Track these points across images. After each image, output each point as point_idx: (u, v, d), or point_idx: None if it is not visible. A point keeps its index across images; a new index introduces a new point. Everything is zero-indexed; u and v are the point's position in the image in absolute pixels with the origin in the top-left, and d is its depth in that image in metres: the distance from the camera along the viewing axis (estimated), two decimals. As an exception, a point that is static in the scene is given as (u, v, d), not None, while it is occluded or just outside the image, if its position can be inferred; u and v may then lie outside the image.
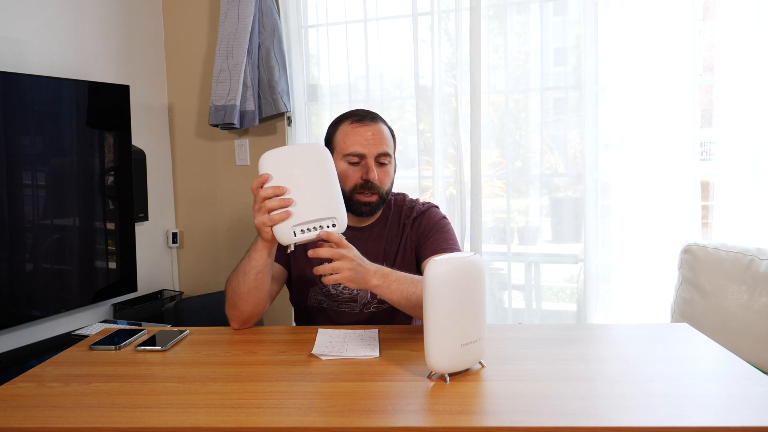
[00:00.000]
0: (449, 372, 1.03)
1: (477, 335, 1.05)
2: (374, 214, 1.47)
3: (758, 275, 1.89)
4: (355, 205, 1.42)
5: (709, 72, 2.26)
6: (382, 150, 1.42)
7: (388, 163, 1.44)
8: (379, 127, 1.44)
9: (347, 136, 1.43)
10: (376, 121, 1.46)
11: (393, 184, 1.49)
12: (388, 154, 1.43)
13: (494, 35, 2.41)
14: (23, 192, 2.02)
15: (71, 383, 1.07)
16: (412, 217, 1.50)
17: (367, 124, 1.43)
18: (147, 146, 2.63)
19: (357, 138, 1.41)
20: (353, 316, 1.47)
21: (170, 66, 2.84)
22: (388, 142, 1.44)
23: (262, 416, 0.91)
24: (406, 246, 1.49)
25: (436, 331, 1.01)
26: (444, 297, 1.00)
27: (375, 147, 1.41)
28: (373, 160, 1.41)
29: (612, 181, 2.30)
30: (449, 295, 1.01)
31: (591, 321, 2.29)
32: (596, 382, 1.01)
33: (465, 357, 1.04)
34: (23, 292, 2.03)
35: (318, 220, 1.19)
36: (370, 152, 1.40)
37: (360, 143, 1.41)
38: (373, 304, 1.47)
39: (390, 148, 1.45)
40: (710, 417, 0.87)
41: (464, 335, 1.03)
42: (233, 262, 2.75)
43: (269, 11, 2.54)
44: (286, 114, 2.66)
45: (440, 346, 1.01)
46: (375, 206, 1.44)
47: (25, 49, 2.15)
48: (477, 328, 1.05)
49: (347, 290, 1.47)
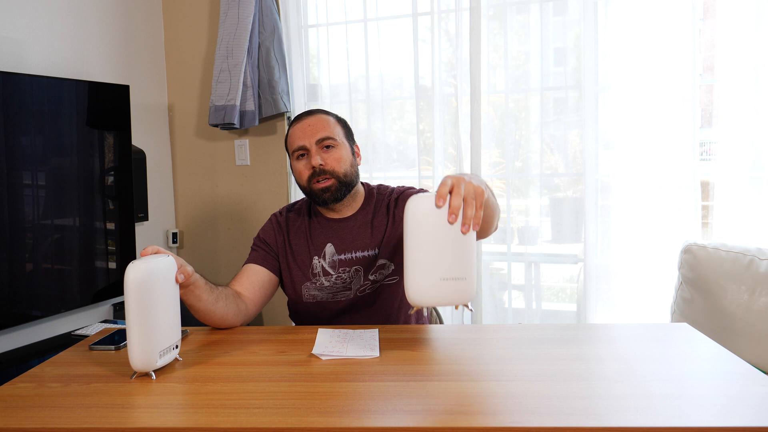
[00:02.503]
0: (428, 305, 1.04)
1: (461, 273, 1.04)
2: (340, 199, 1.49)
3: (758, 275, 1.89)
4: (316, 194, 1.47)
5: (709, 72, 2.26)
6: (321, 135, 1.46)
7: (334, 146, 1.47)
8: (316, 117, 1.50)
9: (291, 136, 1.51)
10: (314, 114, 1.52)
11: (354, 166, 1.51)
12: (330, 137, 1.47)
13: (494, 35, 2.41)
14: (23, 192, 2.01)
15: (71, 383, 1.07)
16: (394, 198, 1.54)
17: (303, 119, 1.50)
18: (147, 146, 2.63)
19: (297, 134, 1.48)
20: (350, 302, 1.49)
21: (170, 66, 2.84)
22: (328, 127, 1.48)
23: (262, 416, 0.91)
24: (395, 220, 1.51)
25: (413, 261, 1.03)
26: (424, 228, 1.03)
27: (313, 135, 1.46)
28: (314, 147, 1.45)
29: (612, 181, 2.30)
30: (430, 227, 1.03)
31: (591, 321, 2.29)
32: (596, 382, 1.01)
33: (445, 293, 1.04)
34: (23, 292, 2.03)
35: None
36: (309, 141, 1.46)
37: (299, 137, 1.47)
38: (368, 286, 1.49)
39: (332, 131, 1.48)
40: (710, 417, 0.87)
41: (444, 270, 1.03)
42: (233, 262, 2.79)
43: (269, 11, 2.54)
44: (286, 114, 2.66)
45: (418, 277, 1.03)
46: (336, 191, 1.46)
47: (25, 49, 2.15)
48: (461, 266, 1.04)
49: (340, 280, 1.49)
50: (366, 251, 1.49)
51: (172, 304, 1.12)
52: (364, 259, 1.49)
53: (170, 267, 1.12)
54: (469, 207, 1.04)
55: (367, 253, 1.49)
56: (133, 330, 1.04)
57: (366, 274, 1.48)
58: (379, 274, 1.49)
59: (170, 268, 1.12)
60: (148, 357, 1.06)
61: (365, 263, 1.49)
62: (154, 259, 1.09)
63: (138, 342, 1.05)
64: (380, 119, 2.57)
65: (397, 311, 1.51)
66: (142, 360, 1.05)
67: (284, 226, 1.55)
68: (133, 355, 1.05)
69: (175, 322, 1.13)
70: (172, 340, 1.12)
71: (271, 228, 1.56)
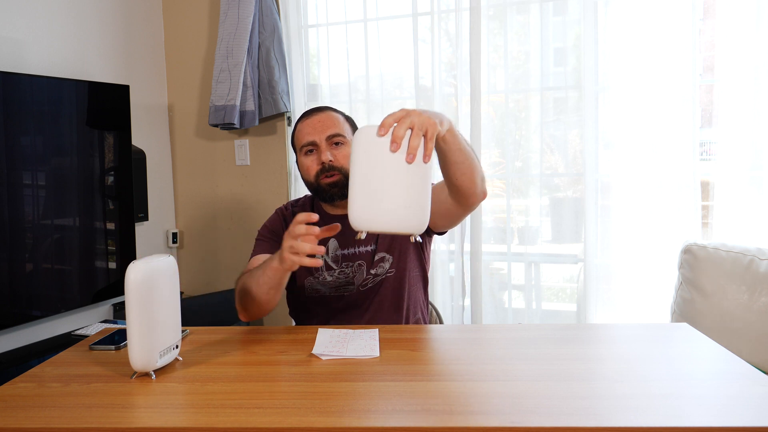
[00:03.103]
0: (371, 231, 1.06)
1: (406, 202, 1.05)
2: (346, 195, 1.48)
3: (758, 275, 1.89)
4: (324, 189, 1.48)
5: (709, 72, 2.26)
6: (331, 132, 1.47)
7: (342, 143, 1.48)
8: (326, 114, 1.51)
9: (299, 132, 1.52)
10: (323, 110, 1.53)
11: None
12: (340, 134, 1.48)
13: (494, 35, 2.41)
14: (23, 192, 2.01)
15: (71, 383, 1.07)
16: None
17: (313, 115, 1.51)
18: (147, 146, 2.63)
19: (306, 129, 1.49)
20: (352, 296, 1.50)
21: (170, 66, 2.84)
22: (337, 124, 1.50)
23: (262, 416, 0.91)
24: None
25: (356, 186, 1.05)
26: (369, 156, 1.05)
27: (323, 131, 1.47)
28: (324, 143, 1.47)
29: (612, 181, 2.30)
30: (375, 155, 1.04)
31: (591, 321, 2.29)
32: (596, 382, 1.01)
33: (389, 220, 1.05)
34: (23, 292, 2.03)
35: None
36: (319, 137, 1.47)
37: (309, 132, 1.48)
38: (370, 281, 1.49)
39: (341, 128, 1.50)
40: (710, 417, 0.87)
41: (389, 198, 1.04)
42: (233, 262, 2.79)
43: (269, 11, 2.54)
44: (286, 114, 2.66)
45: (360, 202, 1.05)
46: (344, 186, 1.46)
47: (25, 49, 2.15)
48: (407, 196, 1.05)
49: (343, 275, 1.49)
50: (367, 246, 1.50)
51: (172, 304, 1.12)
52: (366, 254, 1.50)
53: (170, 267, 1.12)
54: (415, 137, 1.05)
55: (369, 248, 1.50)
56: (134, 330, 1.04)
57: (368, 269, 1.49)
58: (380, 268, 1.50)
59: (170, 268, 1.12)
60: (148, 357, 1.06)
61: (367, 258, 1.50)
62: (154, 259, 1.09)
63: (138, 342, 1.05)
64: (380, 119, 2.56)
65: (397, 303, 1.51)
66: (142, 360, 1.05)
67: (290, 218, 1.56)
68: (133, 355, 1.05)
69: (175, 322, 1.13)
70: (172, 340, 1.12)
71: (277, 220, 1.58)
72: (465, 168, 1.25)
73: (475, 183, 1.30)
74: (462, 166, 1.25)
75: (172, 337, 1.12)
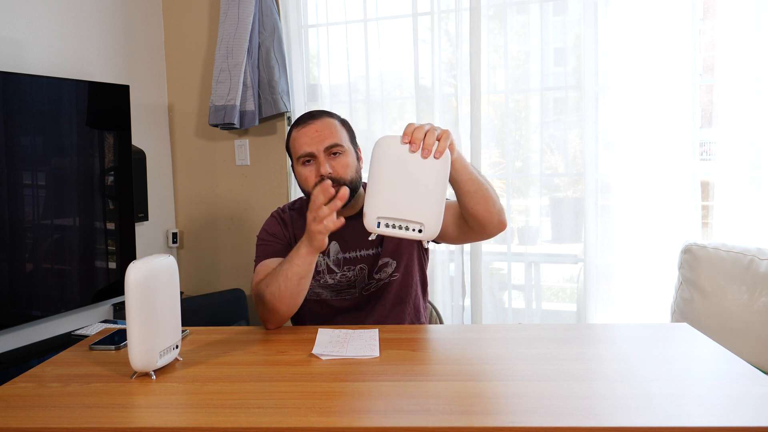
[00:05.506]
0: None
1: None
2: (345, 205, 1.47)
3: (758, 275, 1.89)
4: None
5: (709, 72, 2.26)
6: (329, 142, 1.43)
7: (341, 153, 1.45)
8: (322, 122, 1.46)
9: (296, 141, 1.46)
10: (319, 117, 1.48)
11: (359, 171, 1.50)
12: (338, 144, 1.44)
13: (494, 35, 2.41)
14: (23, 192, 2.01)
15: (71, 383, 1.07)
16: None
17: (309, 124, 1.46)
18: (147, 146, 2.63)
19: (303, 139, 1.44)
20: (354, 300, 1.49)
21: (170, 66, 2.84)
22: (335, 133, 1.45)
23: (262, 416, 0.91)
24: None
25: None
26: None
27: (321, 142, 1.43)
28: (322, 154, 1.43)
29: (612, 181, 2.30)
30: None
31: (591, 321, 2.29)
32: (596, 382, 1.01)
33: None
34: (23, 292, 2.03)
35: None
36: (317, 149, 1.43)
37: (306, 143, 1.43)
38: (372, 284, 1.49)
39: (339, 137, 1.45)
40: (710, 417, 0.87)
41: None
42: (233, 262, 2.79)
43: (269, 11, 2.54)
44: (286, 114, 2.66)
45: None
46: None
47: (25, 49, 2.15)
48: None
49: (345, 278, 1.49)
50: (369, 250, 1.49)
51: (172, 304, 1.12)
52: (368, 257, 1.49)
53: (170, 267, 1.12)
54: (430, 135, 1.15)
55: (371, 252, 1.49)
56: (134, 330, 1.04)
57: (371, 273, 1.49)
58: (383, 273, 1.49)
59: (170, 268, 1.12)
60: (149, 357, 1.06)
61: (369, 262, 1.49)
62: (154, 259, 1.09)
63: (138, 342, 1.05)
64: (380, 119, 2.57)
65: (400, 306, 1.51)
66: (142, 360, 1.05)
67: (288, 222, 1.55)
68: (133, 355, 1.05)
69: (175, 322, 1.13)
70: (172, 340, 1.12)
71: (276, 223, 1.56)
72: (478, 197, 1.29)
73: (490, 213, 1.31)
74: (475, 196, 1.29)
75: (172, 337, 1.12)
